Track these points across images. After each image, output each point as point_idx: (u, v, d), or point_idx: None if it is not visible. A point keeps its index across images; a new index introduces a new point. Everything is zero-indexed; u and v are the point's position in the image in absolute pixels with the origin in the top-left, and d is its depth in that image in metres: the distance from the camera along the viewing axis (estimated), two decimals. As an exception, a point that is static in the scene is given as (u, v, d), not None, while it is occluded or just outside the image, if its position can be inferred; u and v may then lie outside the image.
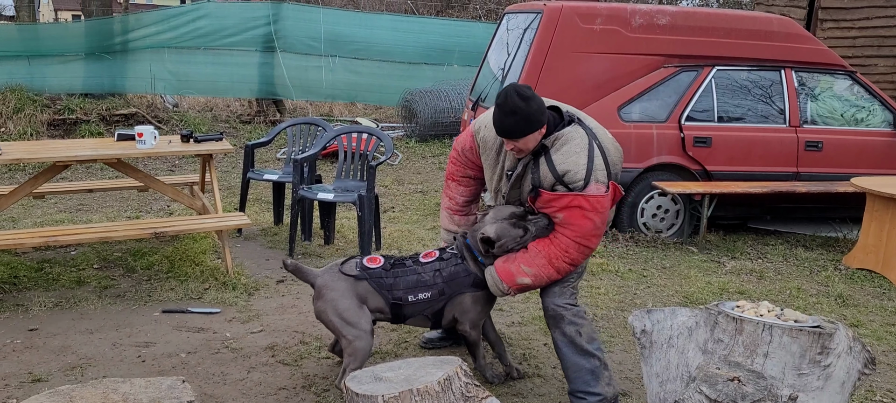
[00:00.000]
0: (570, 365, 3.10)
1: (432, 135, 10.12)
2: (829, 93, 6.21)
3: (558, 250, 2.96)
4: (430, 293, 3.16)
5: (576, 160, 2.86)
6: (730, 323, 2.41)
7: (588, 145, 2.89)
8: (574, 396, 3.11)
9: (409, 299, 3.17)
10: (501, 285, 3.07)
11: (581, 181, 2.85)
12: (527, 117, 2.83)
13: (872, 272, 5.27)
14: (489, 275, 3.11)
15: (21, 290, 4.41)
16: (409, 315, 3.22)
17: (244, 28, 10.59)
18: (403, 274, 3.19)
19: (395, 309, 3.19)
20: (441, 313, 3.22)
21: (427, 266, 3.21)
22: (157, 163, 8.45)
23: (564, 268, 2.99)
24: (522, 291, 3.11)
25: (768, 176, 5.97)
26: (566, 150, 2.89)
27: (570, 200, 2.88)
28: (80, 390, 2.34)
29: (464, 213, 3.41)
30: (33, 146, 5.18)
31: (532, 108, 2.83)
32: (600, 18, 5.83)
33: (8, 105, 9.18)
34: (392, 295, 3.16)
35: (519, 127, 2.85)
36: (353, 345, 3.13)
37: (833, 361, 2.33)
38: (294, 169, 5.19)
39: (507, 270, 3.05)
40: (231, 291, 4.46)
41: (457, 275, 3.18)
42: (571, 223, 2.91)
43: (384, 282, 3.17)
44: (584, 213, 2.88)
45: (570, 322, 3.07)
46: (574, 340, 3.07)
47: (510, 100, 2.84)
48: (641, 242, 5.81)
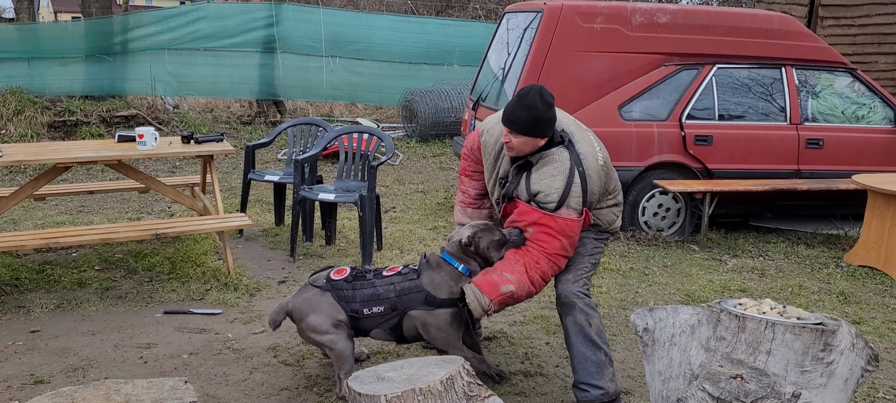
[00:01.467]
0: (576, 355, 3.09)
1: (433, 135, 10.12)
2: (830, 91, 6.20)
3: (531, 260, 2.97)
4: (383, 307, 3.17)
5: (550, 183, 2.89)
6: (732, 321, 2.40)
7: (568, 170, 2.89)
8: (578, 388, 3.11)
9: (364, 312, 3.18)
10: (483, 299, 2.98)
11: (552, 203, 2.88)
12: (538, 119, 2.85)
13: (874, 269, 5.27)
14: (470, 292, 3.02)
15: (22, 292, 4.41)
16: (368, 328, 3.23)
17: (244, 29, 10.58)
18: (361, 286, 3.21)
19: (353, 321, 3.20)
20: (399, 327, 3.21)
21: (384, 279, 3.22)
22: (157, 165, 8.45)
23: (537, 281, 3.00)
24: (504, 305, 3.03)
25: (769, 174, 5.97)
26: (545, 171, 2.92)
27: (539, 217, 2.91)
28: (82, 391, 2.34)
29: (476, 206, 3.44)
30: (34, 148, 5.18)
31: (547, 116, 2.86)
32: (601, 17, 5.82)
33: (8, 107, 9.18)
34: (350, 307, 3.19)
35: (527, 123, 2.87)
36: (334, 350, 3.17)
37: (836, 358, 2.33)
38: (295, 169, 5.19)
39: (490, 281, 2.99)
40: (233, 292, 4.46)
41: (409, 291, 3.17)
42: (539, 239, 2.95)
43: (344, 294, 3.20)
44: (550, 233, 2.91)
45: (582, 310, 3.08)
46: (584, 330, 3.07)
47: (533, 95, 2.87)
48: (643, 241, 5.80)
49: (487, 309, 3.00)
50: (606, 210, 3.14)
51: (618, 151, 5.63)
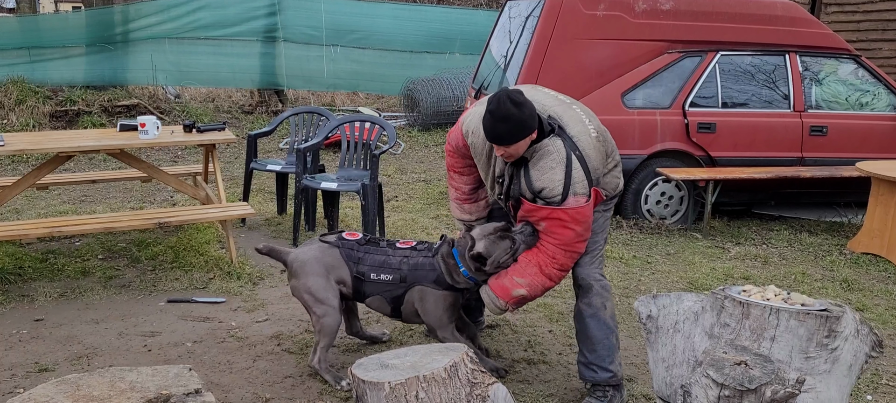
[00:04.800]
0: (590, 337, 3.08)
1: (435, 123, 10.10)
2: (834, 78, 6.18)
3: (547, 257, 2.96)
4: (392, 276, 3.19)
5: (551, 177, 2.84)
6: (736, 308, 2.40)
7: (565, 159, 2.84)
8: (589, 368, 3.09)
9: (371, 276, 3.20)
10: (498, 302, 3.04)
11: (558, 196, 2.84)
12: (520, 123, 2.79)
13: (877, 256, 5.26)
14: (485, 295, 3.08)
15: (26, 281, 4.42)
16: (369, 293, 3.24)
17: (245, 18, 10.56)
18: (373, 251, 3.24)
19: (356, 282, 3.22)
20: (401, 300, 3.22)
21: (398, 250, 3.25)
22: (159, 154, 8.45)
23: (556, 275, 2.99)
24: (520, 304, 3.08)
25: (773, 161, 5.95)
26: (542, 165, 2.86)
27: (549, 212, 2.88)
28: (87, 379, 2.34)
29: (473, 201, 3.38)
30: (36, 137, 5.18)
31: (525, 114, 2.79)
32: (603, 4, 5.79)
33: (10, 97, 9.18)
34: (357, 268, 3.21)
35: (511, 133, 2.81)
36: (322, 322, 3.20)
37: (840, 344, 2.32)
38: (297, 158, 5.18)
39: (501, 285, 3.03)
40: (236, 281, 4.47)
41: (421, 267, 3.19)
42: (553, 232, 2.92)
43: (353, 255, 3.22)
44: (563, 224, 2.88)
45: (598, 294, 3.07)
46: (598, 313, 3.07)
47: (503, 105, 2.79)
48: (645, 229, 5.80)
49: (504, 309, 3.07)
50: (609, 175, 3.07)
51: (621, 139, 5.58)
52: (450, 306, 3.20)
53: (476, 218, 3.35)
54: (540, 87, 3.15)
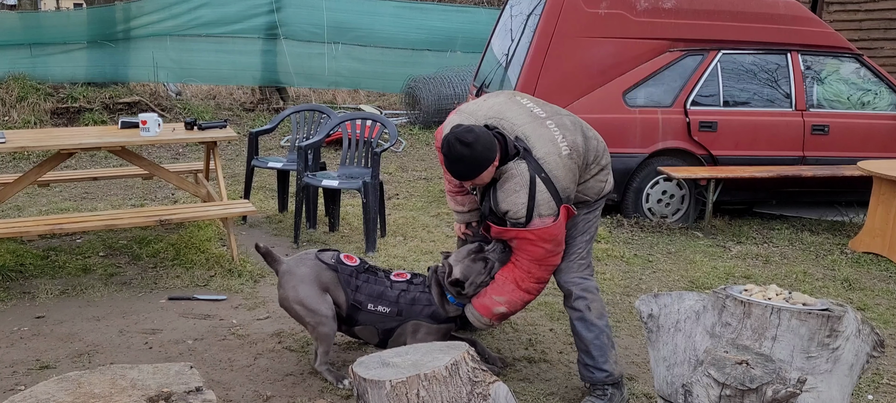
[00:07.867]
0: (581, 339, 3.13)
1: (436, 121, 10.08)
2: (836, 77, 6.17)
3: (523, 273, 3.01)
4: (390, 309, 3.21)
5: (514, 200, 2.87)
6: (738, 307, 2.40)
7: (528, 182, 2.85)
8: (586, 368, 3.12)
9: (368, 306, 3.21)
10: (482, 319, 3.14)
11: (522, 218, 2.88)
12: (473, 161, 2.85)
13: (879, 255, 5.26)
14: (469, 314, 3.16)
15: (27, 278, 4.42)
16: (362, 322, 3.25)
17: (246, 15, 10.55)
18: (372, 281, 3.25)
19: (352, 309, 3.22)
20: (392, 333, 3.24)
21: (396, 284, 3.27)
22: (161, 151, 8.45)
23: (534, 288, 3.04)
24: (504, 319, 3.20)
25: (774, 160, 5.94)
26: (507, 188, 2.90)
27: (516, 233, 2.94)
28: (88, 376, 2.34)
29: (465, 192, 3.40)
30: (37, 134, 5.17)
31: (476, 152, 2.84)
32: (605, 3, 5.79)
33: (11, 94, 9.18)
34: (354, 296, 3.21)
35: (467, 171, 2.89)
36: (318, 331, 3.21)
37: (842, 344, 2.32)
38: (298, 156, 5.18)
39: (483, 304, 3.12)
40: (237, 278, 4.47)
41: (418, 301, 3.21)
42: (524, 249, 2.97)
43: (351, 282, 3.23)
44: (532, 243, 2.93)
45: (579, 297, 3.09)
46: (584, 315, 3.09)
47: (454, 150, 2.86)
48: (646, 227, 5.79)
49: (490, 325, 3.20)
50: (592, 181, 3.07)
51: (622, 137, 5.62)
52: (441, 339, 3.24)
53: (469, 210, 3.38)
54: (519, 98, 3.11)
